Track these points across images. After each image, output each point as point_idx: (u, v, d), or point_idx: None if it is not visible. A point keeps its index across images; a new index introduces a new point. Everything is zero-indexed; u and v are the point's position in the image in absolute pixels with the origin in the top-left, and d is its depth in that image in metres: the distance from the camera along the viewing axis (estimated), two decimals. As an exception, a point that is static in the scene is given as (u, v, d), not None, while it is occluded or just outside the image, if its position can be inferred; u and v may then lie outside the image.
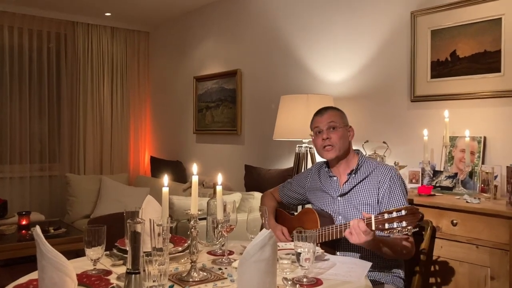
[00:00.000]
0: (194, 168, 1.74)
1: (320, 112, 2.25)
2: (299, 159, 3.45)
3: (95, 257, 1.72)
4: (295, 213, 2.46)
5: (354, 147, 2.30)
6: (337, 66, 3.65)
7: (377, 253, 1.95)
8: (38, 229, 1.36)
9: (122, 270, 1.78)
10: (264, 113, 4.38)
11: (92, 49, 5.82)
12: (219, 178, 1.83)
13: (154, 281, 1.42)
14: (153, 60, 6.22)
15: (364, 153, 2.27)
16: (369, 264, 1.86)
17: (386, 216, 1.80)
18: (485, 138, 2.74)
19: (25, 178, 5.44)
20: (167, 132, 5.93)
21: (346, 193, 2.15)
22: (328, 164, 2.27)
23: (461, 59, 2.85)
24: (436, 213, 2.38)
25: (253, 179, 4.12)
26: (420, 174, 2.87)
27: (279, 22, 4.20)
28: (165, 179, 1.69)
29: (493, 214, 2.17)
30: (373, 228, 1.81)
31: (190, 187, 5.40)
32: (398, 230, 1.77)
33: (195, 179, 1.73)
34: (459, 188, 2.63)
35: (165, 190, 1.67)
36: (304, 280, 1.64)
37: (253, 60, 4.51)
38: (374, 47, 3.38)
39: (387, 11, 3.29)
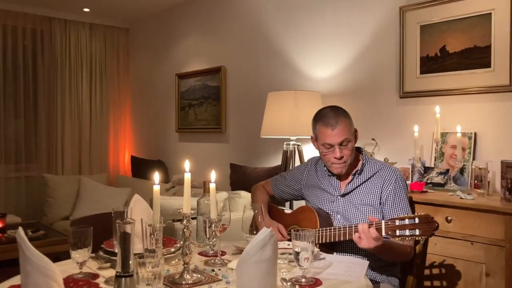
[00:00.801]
0: (186, 164, 1.66)
1: (330, 123, 2.00)
2: (287, 157, 3.39)
3: (81, 260, 1.61)
4: (284, 209, 2.38)
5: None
6: (324, 62, 3.60)
7: (379, 256, 1.88)
8: (21, 231, 1.26)
9: (110, 273, 1.68)
10: (249, 111, 4.30)
11: (70, 46, 5.64)
12: (213, 175, 1.75)
13: (148, 284, 1.33)
14: (133, 57, 6.08)
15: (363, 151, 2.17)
16: (367, 262, 1.81)
17: (397, 222, 1.74)
18: (475, 134, 2.72)
19: (0, 179, 5.23)
20: (148, 131, 5.80)
21: (348, 193, 2.09)
22: None
23: (451, 54, 2.83)
24: (430, 210, 2.35)
25: (239, 178, 4.04)
26: (410, 171, 2.84)
27: (264, 17, 4.13)
28: (156, 176, 1.60)
29: (488, 210, 2.14)
30: (383, 234, 1.75)
31: (174, 186, 5.24)
32: (410, 238, 1.72)
33: (187, 176, 1.64)
34: (451, 184, 2.61)
35: (156, 188, 1.58)
36: (303, 280, 1.58)
37: (237, 56, 4.43)
38: (362, 43, 3.34)
39: (375, 6, 3.25)
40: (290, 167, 3.31)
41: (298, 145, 3.38)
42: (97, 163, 5.80)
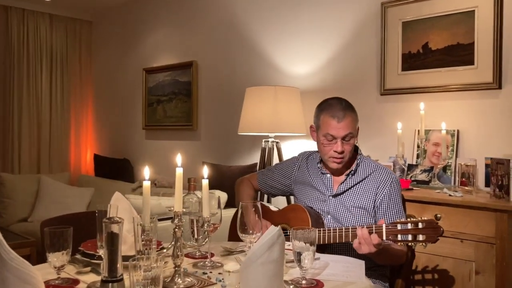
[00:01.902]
0: (178, 159, 1.52)
1: (337, 114, 1.90)
2: (266, 154, 3.28)
3: (59, 264, 1.44)
4: (270, 206, 2.27)
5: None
6: (302, 58, 3.52)
7: (373, 259, 1.80)
8: (-3, 232, 1.09)
9: (90, 278, 1.52)
10: (223, 107, 4.17)
11: (28, 37, 5.31)
12: (205, 170, 1.61)
13: (143, 290, 1.19)
14: (97, 51, 5.80)
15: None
16: (363, 262, 1.73)
17: (399, 227, 1.67)
18: (458, 131, 2.71)
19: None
20: (113, 128, 5.54)
21: (340, 194, 2.00)
22: (321, 159, 2.07)
23: (433, 51, 2.81)
24: (418, 207, 2.31)
25: (213, 177, 3.88)
26: (392, 168, 2.80)
27: (239, 10, 4.01)
28: (146, 171, 1.46)
29: (479, 207, 2.12)
30: (384, 238, 1.68)
31: (140, 186, 5.06)
32: (413, 244, 1.66)
33: (179, 171, 1.51)
34: (435, 182, 2.58)
35: (147, 184, 1.44)
36: (303, 282, 1.48)
37: (210, 51, 4.28)
38: (342, 39, 3.29)
39: (356, 1, 3.20)
40: (270, 165, 3.21)
41: (277, 143, 3.28)
42: (57, 161, 5.49)
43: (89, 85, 5.83)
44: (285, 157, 3.25)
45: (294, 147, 3.53)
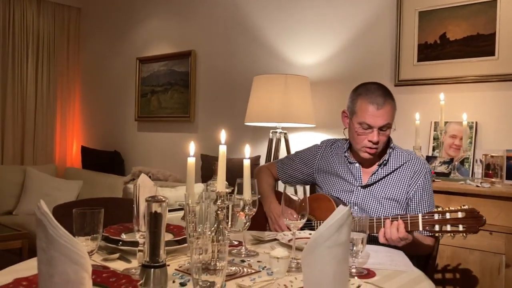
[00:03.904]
0: (223, 135, 1.39)
1: (376, 100, 1.77)
2: (274, 146, 3.16)
3: (89, 250, 1.29)
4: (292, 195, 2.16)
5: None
6: (311, 47, 3.42)
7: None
8: (43, 205, 0.95)
9: (119, 265, 1.39)
10: (223, 98, 4.03)
11: (14, 23, 5.05)
12: (247, 150, 1.49)
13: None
14: (86, 40, 5.56)
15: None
16: (401, 252, 1.65)
17: (436, 216, 1.59)
18: (476, 123, 2.66)
19: None
20: (102, 120, 5.32)
21: (371, 185, 1.90)
22: (350, 146, 1.97)
23: (451, 42, 2.75)
24: (442, 199, 2.23)
25: (212, 170, 3.76)
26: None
27: None
28: (192, 146, 1.33)
29: (510, 197, 2.05)
30: (420, 228, 1.59)
31: (134, 179, 4.87)
32: (452, 234, 1.57)
33: (223, 149, 1.38)
34: (455, 174, 2.52)
35: (191, 160, 1.31)
36: (353, 271, 1.38)
37: (210, 40, 4.14)
38: (354, 28, 3.21)
39: (369, -10, 3.13)
40: (278, 157, 3.09)
41: (285, 133, 3.18)
42: (42, 153, 5.24)
43: (77, 74, 5.59)
44: (293, 149, 3.15)
45: (302, 139, 3.43)
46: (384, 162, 1.89)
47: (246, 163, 1.47)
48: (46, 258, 0.93)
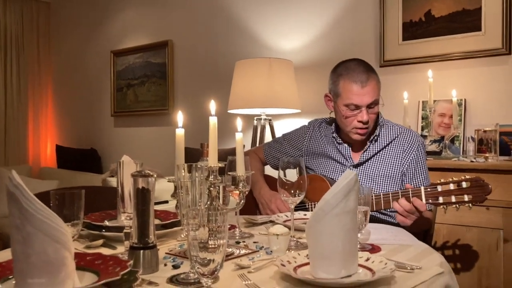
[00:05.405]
0: (212, 106, 1.28)
1: (359, 78, 1.68)
2: (259, 133, 3.06)
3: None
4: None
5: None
6: (294, 30, 3.33)
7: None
8: (16, 176, 0.83)
9: (103, 252, 1.26)
10: (203, 88, 3.91)
11: (-21, 18, 4.83)
12: (239, 122, 1.38)
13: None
14: (57, 35, 5.35)
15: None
16: (401, 228, 1.57)
17: (440, 188, 1.52)
18: (465, 100, 2.61)
19: None
20: (77, 117, 5.12)
21: (363, 163, 1.81)
22: (337, 127, 1.88)
23: (437, 19, 2.70)
24: (437, 176, 2.15)
25: (195, 162, 3.64)
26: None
27: (220, -14, 3.77)
28: (179, 116, 1.22)
29: (507, 170, 2.00)
30: (423, 201, 1.51)
31: (112, 176, 4.69)
32: (457, 205, 1.50)
33: (213, 120, 1.27)
34: (447, 152, 2.46)
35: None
36: (358, 247, 1.28)
37: (188, 28, 4.01)
38: (336, 9, 3.13)
39: (350, -30, 3.06)
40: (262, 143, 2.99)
41: (270, 120, 3.08)
42: (15, 153, 5.02)
43: (48, 71, 5.38)
44: (278, 136, 3.05)
45: (287, 125, 3.33)
46: (375, 138, 1.81)
47: (239, 137, 1.36)
48: (21, 237, 0.80)
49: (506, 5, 2.45)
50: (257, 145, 3.05)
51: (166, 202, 2.55)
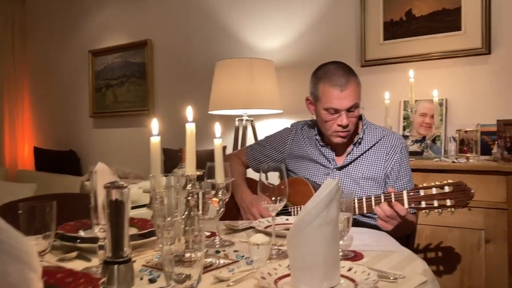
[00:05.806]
0: (189, 112, 1.24)
1: (339, 82, 1.66)
2: (241, 134, 3.02)
3: (40, 249, 1.11)
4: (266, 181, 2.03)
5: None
6: (274, 30, 3.30)
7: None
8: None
9: (77, 265, 1.21)
10: (184, 88, 3.85)
11: (-50, 16, 4.68)
12: (217, 128, 1.35)
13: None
14: (33, 34, 5.22)
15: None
16: (384, 232, 1.55)
17: (422, 192, 1.50)
18: (446, 100, 2.61)
19: None
20: (55, 119, 5.00)
21: (346, 165, 1.79)
22: (319, 130, 1.85)
23: (417, 18, 2.69)
24: (419, 177, 2.16)
25: (175, 164, 3.58)
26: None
27: (199, -16, 3.71)
28: (154, 123, 1.17)
29: (489, 171, 2.00)
30: (406, 206, 1.49)
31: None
32: (440, 210, 1.49)
33: (190, 126, 1.23)
34: (428, 152, 2.46)
35: (155, 140, 1.15)
36: (340, 254, 1.25)
37: (167, 28, 3.94)
38: (317, 9, 3.10)
39: (331, -31, 3.03)
40: (245, 145, 2.96)
41: (252, 121, 3.04)
42: (-10, 156, 4.89)
43: (24, 72, 5.24)
44: (261, 138, 3.02)
45: (269, 126, 3.30)
46: (359, 140, 1.79)
47: (217, 142, 1.33)
48: (-19, 258, 0.75)
49: (485, 4, 2.45)
50: (239, 146, 3.01)
51: (145, 206, 2.49)
